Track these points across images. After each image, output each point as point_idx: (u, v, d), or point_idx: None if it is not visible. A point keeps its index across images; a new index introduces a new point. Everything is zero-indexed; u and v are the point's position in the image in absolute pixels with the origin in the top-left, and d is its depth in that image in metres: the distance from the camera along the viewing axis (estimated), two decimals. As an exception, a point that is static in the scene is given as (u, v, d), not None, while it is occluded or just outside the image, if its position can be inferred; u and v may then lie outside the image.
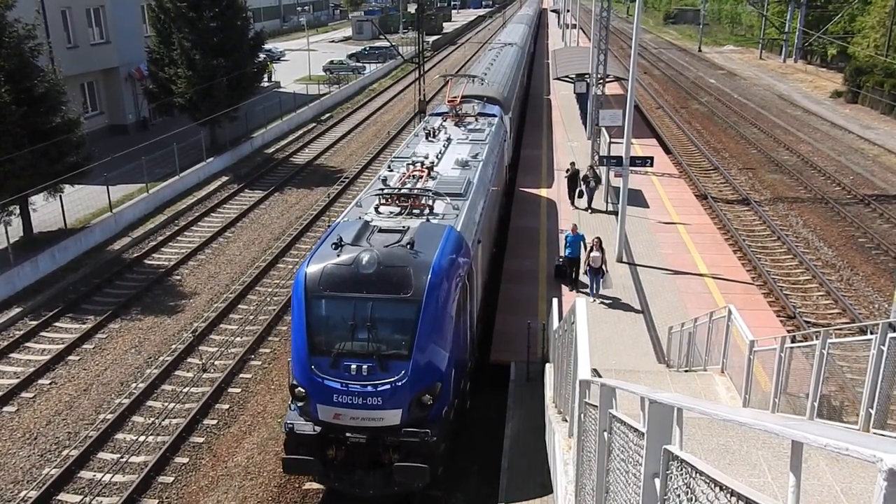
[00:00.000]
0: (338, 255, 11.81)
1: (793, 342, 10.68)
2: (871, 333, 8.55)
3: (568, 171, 26.27)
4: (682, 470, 3.24)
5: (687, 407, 3.64)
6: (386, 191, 14.56)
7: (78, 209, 25.34)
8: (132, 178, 28.47)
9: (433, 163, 17.00)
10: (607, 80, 32.04)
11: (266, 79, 47.82)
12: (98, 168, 25.16)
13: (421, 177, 15.99)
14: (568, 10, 76.76)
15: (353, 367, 11.27)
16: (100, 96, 37.56)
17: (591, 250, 17.88)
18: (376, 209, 14.01)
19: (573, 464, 7.87)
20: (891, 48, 49.70)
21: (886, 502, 1.85)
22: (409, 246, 11.81)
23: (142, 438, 14.70)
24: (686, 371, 14.19)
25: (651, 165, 23.72)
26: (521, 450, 13.06)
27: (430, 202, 14.17)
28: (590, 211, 25.19)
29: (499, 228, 22.78)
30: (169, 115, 36.12)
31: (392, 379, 11.24)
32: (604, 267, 17.96)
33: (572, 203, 25.77)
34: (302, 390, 11.60)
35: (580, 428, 7.06)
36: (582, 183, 25.41)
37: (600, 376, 9.17)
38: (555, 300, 15.62)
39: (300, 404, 11.71)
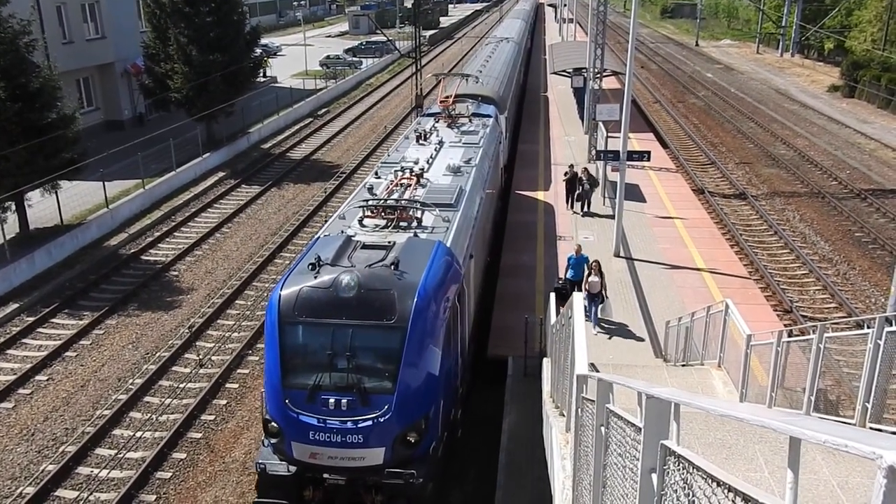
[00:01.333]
0: (315, 277, 10.81)
1: (789, 336, 10.70)
2: (868, 328, 8.58)
3: (566, 174, 25.27)
4: (679, 465, 3.24)
5: (684, 402, 3.64)
6: (371, 202, 13.74)
7: (74, 205, 25.28)
8: (128, 174, 28.40)
9: (423, 169, 16.27)
10: (604, 74, 32.02)
11: (262, 74, 47.70)
12: (94, 164, 25.08)
13: (409, 185, 15.20)
14: (565, 5, 76.59)
15: (332, 401, 10.26)
16: (95, 92, 37.42)
17: (589, 274, 16.58)
18: (360, 222, 13.21)
19: (570, 458, 7.88)
20: (888, 42, 49.72)
21: (886, 499, 1.84)
22: (393, 266, 10.85)
23: (139, 434, 14.68)
24: (683, 365, 14.22)
25: (648, 160, 23.72)
26: (519, 444, 13.08)
27: (419, 214, 13.40)
28: (583, 214, 24.45)
29: (495, 225, 22.34)
30: (165, 110, 36.01)
31: (374, 414, 10.25)
32: (603, 292, 16.66)
33: (570, 207, 24.96)
34: (275, 426, 10.62)
35: (577, 423, 7.07)
36: (578, 186, 24.69)
37: (597, 371, 9.19)
38: (552, 294, 15.63)
39: (274, 441, 10.78)
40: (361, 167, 33.59)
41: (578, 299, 9.57)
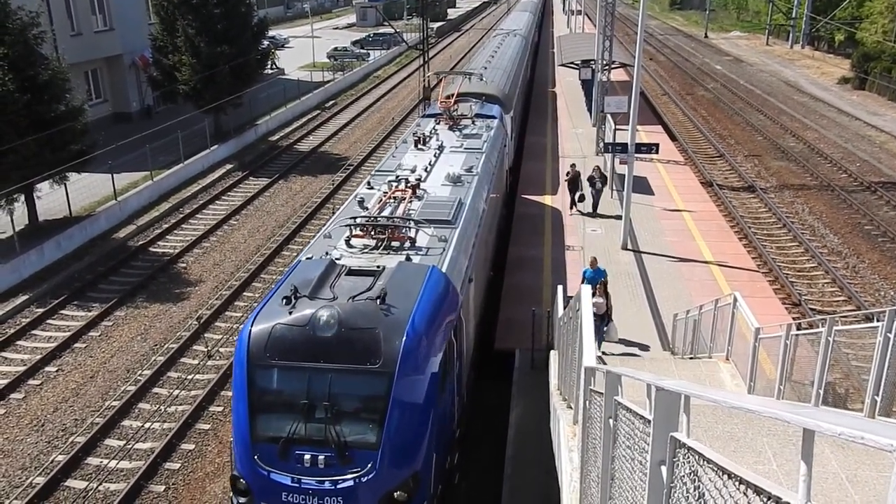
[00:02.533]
0: (290, 312, 9.53)
1: (798, 330, 10.66)
2: (878, 321, 8.53)
3: (568, 174, 24.23)
4: (688, 457, 3.23)
5: (694, 395, 3.62)
6: (360, 219, 12.48)
7: (83, 197, 25.38)
8: (137, 166, 28.47)
9: (420, 178, 15.09)
10: (613, 66, 31.86)
11: (270, 66, 47.68)
12: (102, 156, 25.15)
13: (404, 198, 13.88)
14: (573, -4, 76.25)
15: (308, 457, 9.07)
16: (104, 84, 37.53)
17: (594, 294, 14.70)
18: (347, 242, 11.95)
19: (578, 451, 7.87)
20: (899, 34, 49.28)
21: (902, 490, 1.83)
22: (379, 299, 9.58)
23: (148, 425, 14.77)
24: (691, 358, 14.19)
25: (656, 152, 23.55)
26: (526, 437, 13.08)
27: (412, 233, 12.21)
28: (591, 213, 23.70)
29: (500, 231, 21.36)
30: (173, 102, 36.06)
31: (356, 473, 9.04)
32: (609, 313, 15.25)
33: (573, 207, 23.95)
34: (244, 483, 9.38)
35: (585, 415, 7.07)
36: (588, 184, 23.79)
37: (605, 363, 9.17)
38: (559, 287, 15.61)
39: (242, 501, 9.45)
40: (369, 160, 33.60)
41: (586, 291, 9.55)
